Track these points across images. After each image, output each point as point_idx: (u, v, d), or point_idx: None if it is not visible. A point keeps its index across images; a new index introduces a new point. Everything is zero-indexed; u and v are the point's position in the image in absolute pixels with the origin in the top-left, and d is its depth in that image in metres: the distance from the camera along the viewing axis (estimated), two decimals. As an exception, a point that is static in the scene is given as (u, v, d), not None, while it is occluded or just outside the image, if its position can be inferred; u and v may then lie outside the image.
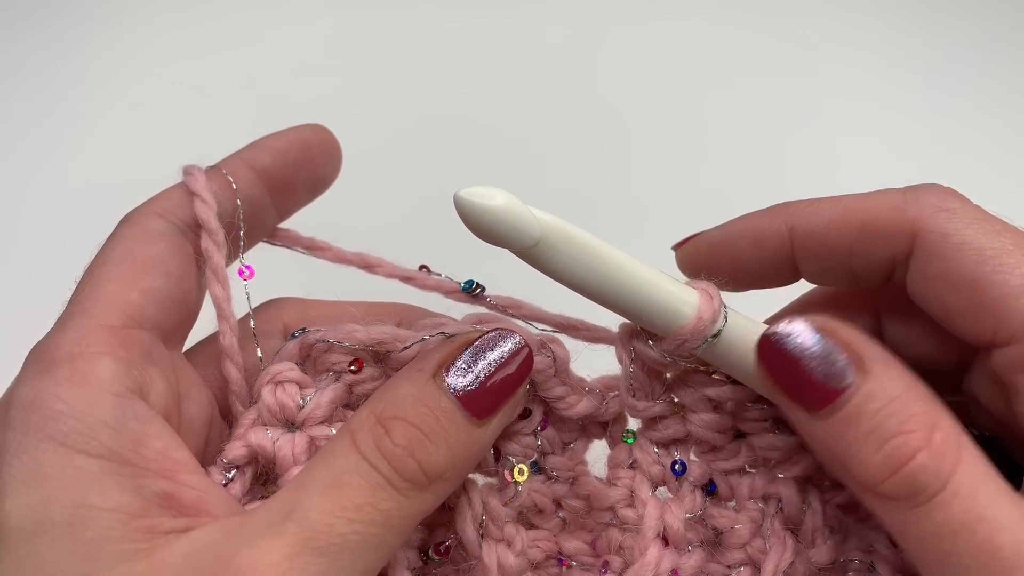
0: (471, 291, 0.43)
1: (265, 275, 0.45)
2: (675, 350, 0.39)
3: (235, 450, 0.38)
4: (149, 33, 0.93)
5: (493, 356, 0.37)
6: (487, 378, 0.36)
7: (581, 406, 0.43)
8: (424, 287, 0.44)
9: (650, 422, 0.43)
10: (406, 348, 0.40)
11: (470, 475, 0.43)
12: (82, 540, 0.31)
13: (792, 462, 0.42)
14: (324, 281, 0.46)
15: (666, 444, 0.43)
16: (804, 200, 0.40)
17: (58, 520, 0.31)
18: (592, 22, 0.95)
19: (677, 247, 0.43)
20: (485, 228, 0.34)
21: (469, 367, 0.36)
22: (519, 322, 0.44)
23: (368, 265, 0.44)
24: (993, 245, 0.35)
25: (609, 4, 0.96)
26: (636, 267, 0.37)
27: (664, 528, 0.41)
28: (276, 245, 0.45)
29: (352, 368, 0.40)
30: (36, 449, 0.32)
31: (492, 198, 0.34)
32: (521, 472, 0.42)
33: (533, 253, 0.36)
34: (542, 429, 0.43)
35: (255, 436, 0.38)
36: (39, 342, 0.35)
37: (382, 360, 0.41)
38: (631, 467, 0.43)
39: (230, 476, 0.38)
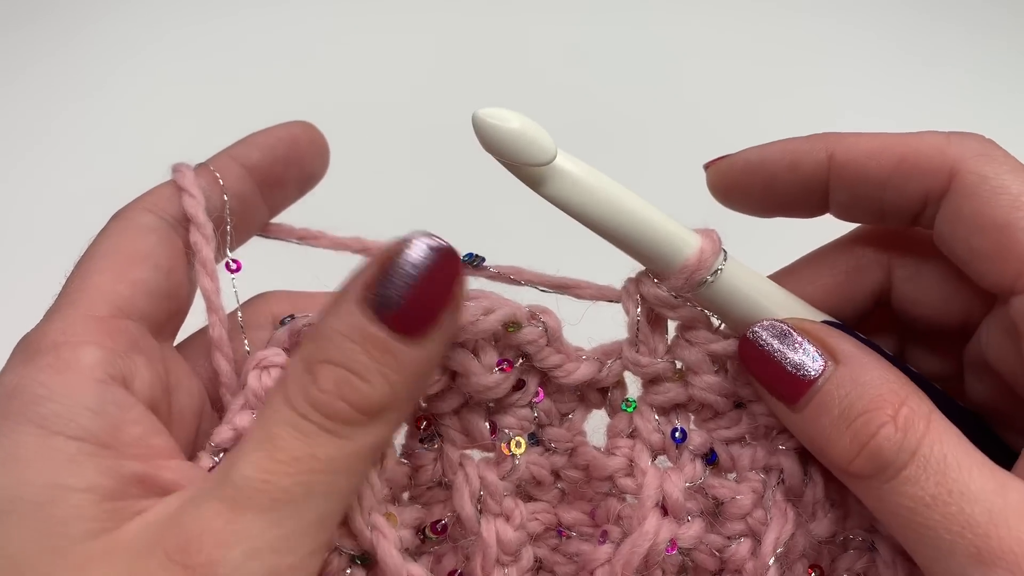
0: (471, 263, 0.42)
1: (261, 270, 0.45)
2: (681, 286, 0.39)
3: (223, 433, 0.38)
4: (146, 32, 0.94)
5: (417, 265, 0.33)
6: (416, 291, 0.33)
7: (580, 372, 0.42)
8: None
9: (651, 385, 0.42)
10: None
11: (466, 451, 0.42)
12: (51, 519, 0.31)
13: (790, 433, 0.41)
14: (321, 272, 0.46)
15: (667, 410, 0.43)
16: (845, 132, 0.40)
17: (29, 500, 0.31)
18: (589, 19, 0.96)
19: (708, 165, 0.42)
20: (503, 143, 0.35)
21: (391, 284, 0.33)
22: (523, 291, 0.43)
23: (365, 248, 0.44)
24: None
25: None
26: (643, 203, 0.38)
27: (663, 497, 0.41)
28: (270, 239, 0.45)
29: None
30: (15, 432, 0.32)
31: (508, 120, 0.35)
32: (519, 444, 0.42)
33: (547, 172, 0.36)
34: (538, 401, 0.43)
35: (241, 419, 0.38)
36: (27, 334, 0.35)
37: None
38: (631, 436, 0.43)
39: (218, 459, 0.37)
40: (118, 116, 0.88)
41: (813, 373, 0.36)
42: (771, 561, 0.39)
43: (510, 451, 0.41)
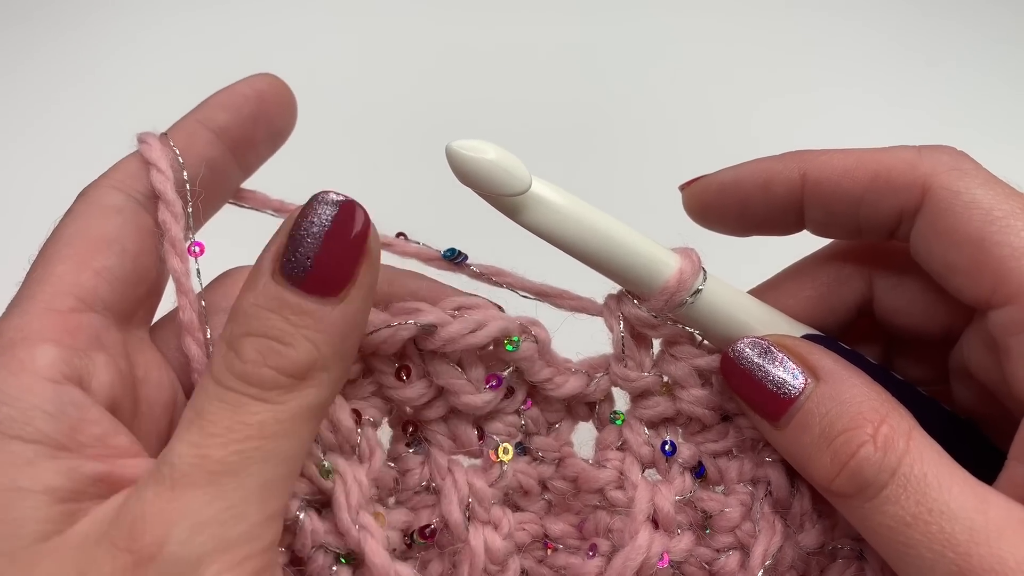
0: (453, 259, 0.42)
1: (232, 239, 0.43)
2: (662, 307, 0.39)
3: None
4: (142, 31, 0.92)
5: (320, 225, 0.33)
6: (323, 251, 0.33)
7: (569, 385, 0.42)
8: (403, 254, 0.42)
9: (639, 399, 0.42)
10: (372, 333, 0.39)
11: (454, 456, 0.42)
12: (6, 521, 0.30)
13: None
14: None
15: (655, 424, 0.43)
16: (817, 149, 0.40)
17: None
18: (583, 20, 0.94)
19: (684, 187, 0.43)
20: (480, 175, 0.35)
21: (299, 248, 0.33)
22: (503, 292, 0.42)
23: None
24: (1002, 207, 0.35)
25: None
26: (620, 226, 0.38)
27: (654, 511, 0.41)
28: (243, 207, 0.42)
29: None
30: None
31: (484, 152, 0.35)
32: (506, 451, 0.41)
33: (523, 201, 0.36)
34: (526, 408, 0.42)
35: None
36: None
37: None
38: (620, 448, 0.43)
39: None
40: (108, 110, 0.86)
41: (793, 392, 0.36)
42: (760, 574, 0.39)
43: (498, 457, 0.41)
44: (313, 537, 0.37)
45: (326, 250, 0.33)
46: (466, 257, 0.42)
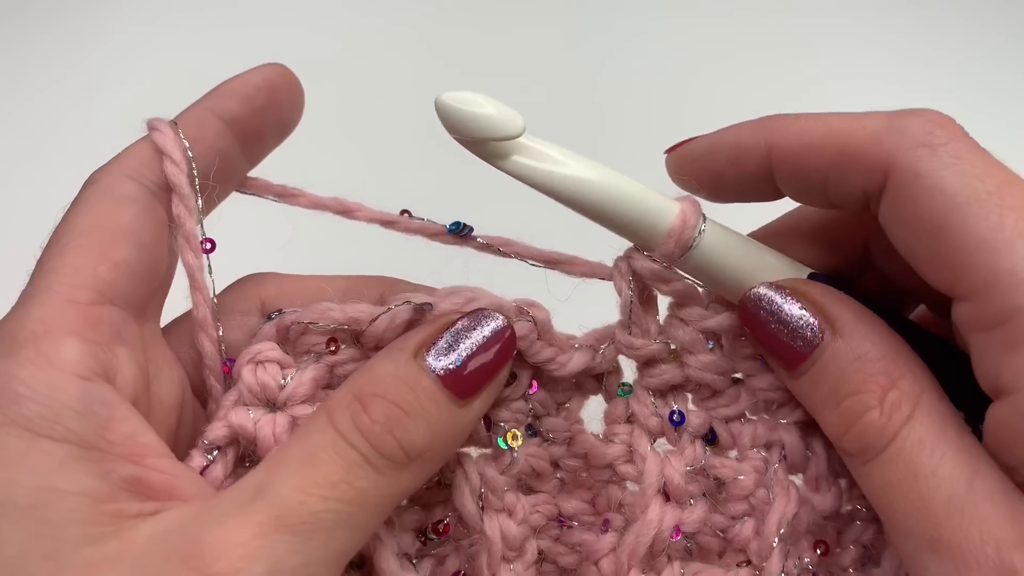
0: (459, 232, 0.41)
1: (240, 225, 0.43)
2: (672, 251, 0.38)
3: (216, 431, 0.37)
4: (135, 24, 0.92)
5: (475, 336, 0.36)
6: (469, 359, 0.36)
7: (574, 362, 0.41)
8: (407, 230, 0.42)
9: (646, 368, 0.42)
10: (374, 320, 0.38)
11: (464, 448, 0.41)
12: (46, 522, 0.30)
13: (793, 405, 0.40)
14: (302, 231, 0.44)
15: (663, 393, 0.42)
16: (790, 115, 0.37)
17: (21, 502, 0.30)
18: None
19: (669, 151, 0.41)
20: (471, 120, 0.34)
21: (450, 347, 0.36)
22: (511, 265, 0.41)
23: (346, 210, 0.42)
24: (965, 191, 0.32)
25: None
26: (618, 174, 0.37)
27: (665, 483, 0.40)
28: (248, 194, 0.42)
29: (331, 349, 0.39)
30: None
31: (482, 106, 0.34)
32: (515, 438, 0.41)
33: (515, 146, 0.36)
34: (532, 392, 0.42)
35: (236, 416, 0.37)
36: (2, 320, 0.34)
37: (360, 339, 0.39)
38: (628, 421, 0.42)
39: (211, 458, 0.37)
40: (105, 100, 0.86)
41: (808, 347, 0.36)
42: (775, 541, 0.39)
43: (508, 445, 0.40)
44: None
45: (474, 359, 0.36)
46: (471, 229, 0.41)
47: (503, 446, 0.40)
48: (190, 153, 0.37)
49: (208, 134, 0.38)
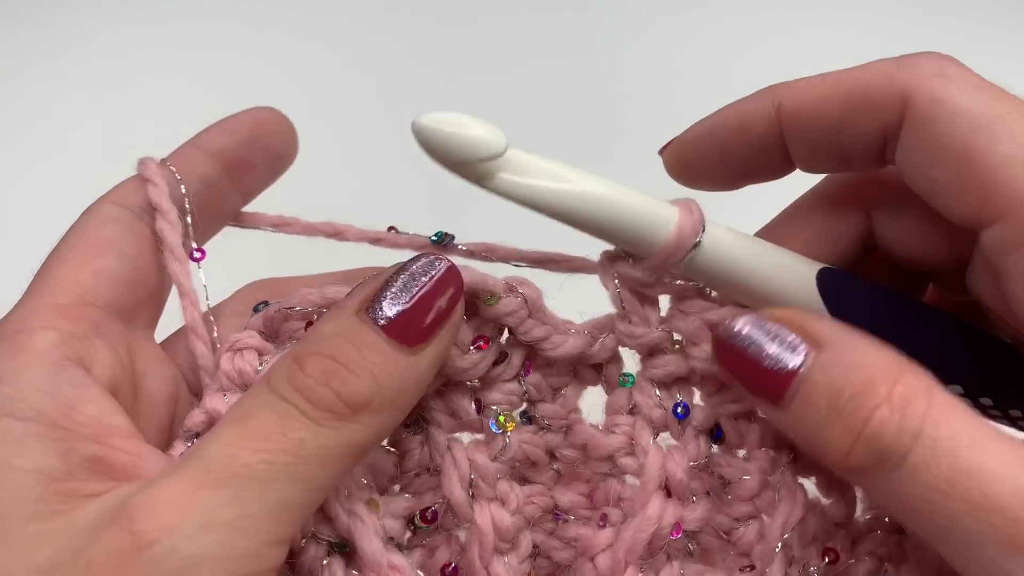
0: (441, 241, 0.42)
1: (238, 260, 0.45)
2: (659, 266, 0.37)
3: (195, 417, 0.37)
4: (141, 37, 0.94)
5: (419, 281, 0.35)
6: (412, 303, 0.34)
7: (569, 344, 0.40)
8: (395, 246, 0.42)
9: (649, 359, 0.40)
10: (348, 295, 0.37)
11: (454, 434, 0.40)
12: None
13: None
14: (297, 258, 0.45)
15: (668, 384, 0.40)
16: (791, 80, 0.37)
17: None
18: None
19: (662, 150, 0.41)
20: (451, 143, 0.33)
21: (393, 296, 0.34)
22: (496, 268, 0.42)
23: (337, 232, 0.43)
24: (987, 113, 0.32)
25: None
26: (609, 183, 0.36)
27: (667, 478, 0.38)
28: (244, 228, 0.44)
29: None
30: None
31: (469, 127, 0.33)
32: (509, 418, 0.40)
33: (495, 166, 0.34)
34: (526, 375, 0.41)
35: (213, 402, 0.37)
36: None
37: None
38: (631, 412, 0.41)
39: (191, 445, 0.36)
40: (105, 115, 0.88)
41: (793, 364, 0.32)
42: (777, 547, 0.37)
43: (500, 429, 0.39)
44: (304, 526, 0.35)
45: (416, 304, 0.34)
46: (453, 237, 0.42)
47: (495, 429, 0.39)
48: (177, 176, 0.40)
49: (194, 164, 0.41)
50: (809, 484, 0.39)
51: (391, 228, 0.43)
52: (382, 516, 0.37)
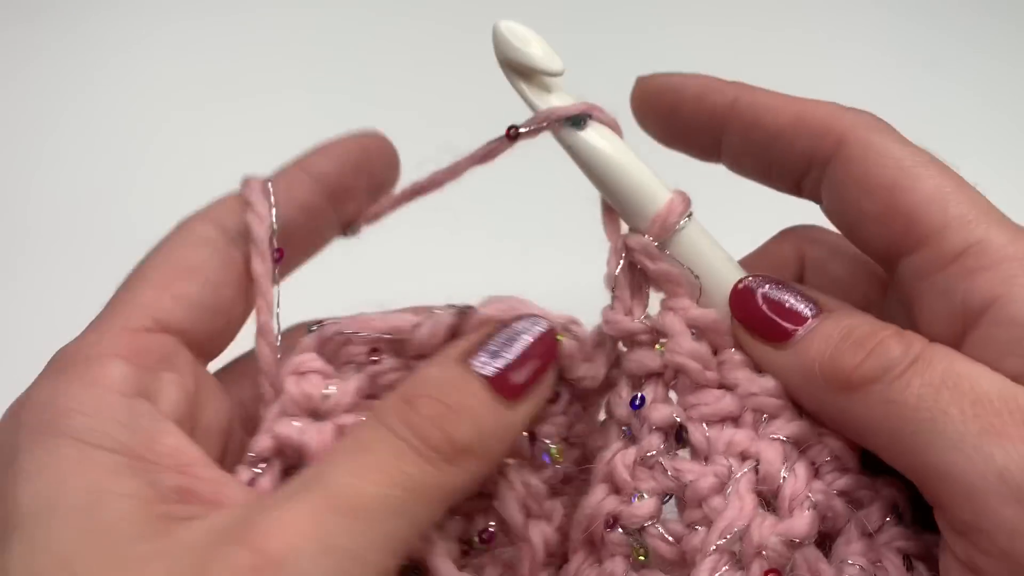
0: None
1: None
2: (657, 232, 0.40)
3: (262, 442, 0.36)
4: (142, 30, 0.93)
5: (521, 340, 0.37)
6: (515, 361, 0.37)
7: (599, 375, 0.42)
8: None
9: (626, 353, 0.42)
10: (417, 326, 0.38)
11: (505, 460, 0.41)
12: (99, 522, 0.31)
13: (787, 418, 0.39)
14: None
15: (640, 380, 0.42)
16: (759, 87, 0.42)
17: (73, 504, 0.31)
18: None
19: (643, 77, 0.44)
20: (521, 52, 0.40)
21: (497, 351, 0.37)
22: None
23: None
24: (911, 160, 0.37)
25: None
26: (632, 154, 0.41)
27: (610, 471, 0.40)
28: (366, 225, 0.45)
29: (372, 359, 0.39)
30: (49, 443, 0.32)
31: (529, 43, 0.40)
32: (561, 453, 0.42)
33: (555, 83, 0.41)
34: (570, 405, 0.43)
35: (281, 427, 0.36)
36: (63, 346, 0.36)
37: (402, 350, 0.39)
38: (610, 416, 0.43)
39: (258, 471, 0.36)
40: (114, 115, 0.87)
41: (808, 312, 0.38)
42: (711, 549, 0.36)
43: (552, 459, 0.41)
44: None
45: (518, 360, 0.37)
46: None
47: (547, 460, 0.41)
48: (273, 202, 0.40)
49: (298, 188, 0.41)
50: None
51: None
52: (442, 537, 0.38)
